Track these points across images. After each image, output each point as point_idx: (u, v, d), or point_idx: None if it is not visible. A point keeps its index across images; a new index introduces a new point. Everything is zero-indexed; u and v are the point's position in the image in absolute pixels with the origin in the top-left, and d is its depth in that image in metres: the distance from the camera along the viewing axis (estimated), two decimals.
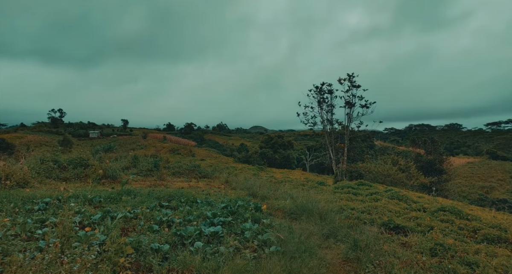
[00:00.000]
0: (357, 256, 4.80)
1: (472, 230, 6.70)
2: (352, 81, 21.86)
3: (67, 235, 3.88)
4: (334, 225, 6.38)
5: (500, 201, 28.85)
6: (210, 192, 9.93)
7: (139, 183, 11.52)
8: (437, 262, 4.67)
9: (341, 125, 23.28)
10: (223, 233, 5.06)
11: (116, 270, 3.54)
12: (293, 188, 13.82)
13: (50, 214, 5.76)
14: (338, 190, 12.68)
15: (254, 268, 3.98)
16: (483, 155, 62.81)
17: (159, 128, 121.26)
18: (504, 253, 5.30)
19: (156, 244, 4.27)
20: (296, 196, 9.41)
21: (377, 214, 7.69)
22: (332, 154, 23.00)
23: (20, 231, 4.55)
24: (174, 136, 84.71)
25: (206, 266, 3.84)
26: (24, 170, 9.91)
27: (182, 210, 6.66)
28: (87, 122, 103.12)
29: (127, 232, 5.04)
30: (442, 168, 28.96)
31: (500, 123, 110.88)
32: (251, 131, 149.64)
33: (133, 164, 15.25)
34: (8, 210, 5.74)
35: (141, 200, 7.52)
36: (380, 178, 18.18)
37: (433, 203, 9.92)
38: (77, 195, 7.15)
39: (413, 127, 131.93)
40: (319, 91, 23.11)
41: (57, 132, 77.74)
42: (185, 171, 16.08)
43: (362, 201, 9.68)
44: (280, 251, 4.56)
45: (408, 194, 11.73)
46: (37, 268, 2.99)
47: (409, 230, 6.42)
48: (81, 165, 12.43)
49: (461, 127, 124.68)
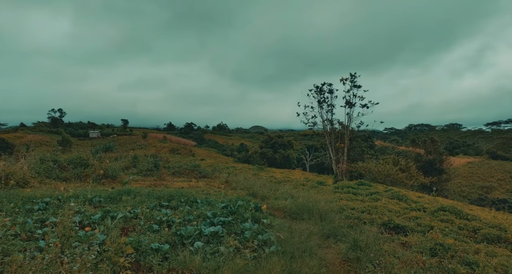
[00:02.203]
0: (357, 256, 4.80)
1: (472, 230, 6.70)
2: (354, 81, 21.88)
3: (67, 235, 3.88)
4: (334, 225, 6.38)
5: (500, 201, 28.87)
6: (210, 192, 9.93)
7: (139, 183, 11.52)
8: (437, 262, 4.66)
9: (341, 125, 23.28)
10: (223, 233, 5.06)
11: (116, 270, 3.54)
12: (293, 188, 13.83)
13: (50, 214, 5.76)
14: (338, 190, 12.68)
15: (254, 268, 3.98)
16: (483, 155, 62.78)
17: (159, 128, 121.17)
18: (504, 253, 5.30)
19: (156, 244, 4.27)
20: (296, 196, 9.42)
21: (377, 214, 7.69)
22: (332, 154, 23.00)
23: (20, 231, 4.55)
24: (174, 136, 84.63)
25: (206, 266, 3.84)
26: (24, 170, 9.91)
27: (182, 210, 6.66)
28: (87, 122, 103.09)
29: (127, 232, 5.04)
30: (442, 168, 28.95)
31: (500, 123, 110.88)
32: (251, 131, 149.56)
33: (133, 164, 15.24)
34: (8, 210, 5.75)
35: (141, 200, 7.52)
36: (380, 178, 18.17)
37: (433, 203, 9.92)
38: (77, 195, 7.15)
39: (413, 127, 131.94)
40: (319, 91, 23.12)
41: (57, 132, 77.66)
42: (185, 171, 16.09)
43: (362, 201, 9.68)
44: (280, 251, 4.56)
45: (408, 194, 11.73)
46: (37, 268, 2.99)
47: (409, 230, 6.42)
48: (81, 165, 12.42)
49: (461, 127, 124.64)
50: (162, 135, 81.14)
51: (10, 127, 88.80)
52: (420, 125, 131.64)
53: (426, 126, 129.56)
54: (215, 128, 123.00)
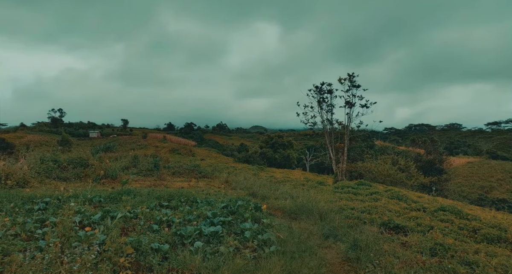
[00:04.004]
0: (357, 255, 4.80)
1: (472, 230, 6.70)
2: (352, 80, 21.88)
3: (67, 235, 3.88)
4: (334, 225, 6.38)
5: (500, 201, 28.89)
6: (210, 192, 9.93)
7: (139, 183, 11.52)
8: (437, 261, 4.66)
9: (341, 125, 23.28)
10: (223, 233, 5.06)
11: (116, 270, 3.54)
12: (293, 188, 13.83)
13: (50, 214, 5.76)
14: (338, 190, 12.68)
15: (254, 268, 3.98)
16: (483, 154, 62.79)
17: (159, 128, 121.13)
18: (504, 253, 5.30)
19: (156, 244, 4.27)
20: (296, 196, 9.42)
21: (377, 214, 7.69)
22: (332, 154, 23.00)
23: (20, 231, 4.55)
24: (174, 136, 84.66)
25: (206, 266, 3.84)
26: (24, 170, 9.92)
27: (182, 210, 6.66)
28: (87, 122, 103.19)
29: (127, 232, 5.04)
30: (442, 168, 28.98)
31: (500, 123, 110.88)
32: (251, 131, 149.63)
33: (133, 164, 15.23)
34: (8, 210, 5.75)
35: (141, 200, 7.52)
36: (380, 178, 18.18)
37: (433, 203, 9.92)
38: (77, 195, 7.14)
39: (413, 127, 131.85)
40: (319, 90, 23.12)
41: (57, 131, 77.75)
42: (185, 171, 16.08)
43: (362, 201, 9.68)
44: (280, 250, 4.56)
45: (408, 194, 11.74)
46: (37, 268, 2.99)
47: (409, 230, 6.42)
48: (81, 165, 12.43)
49: (461, 127, 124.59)
50: (162, 135, 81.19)
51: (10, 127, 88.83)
52: (420, 125, 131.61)
53: (426, 126, 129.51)
54: (215, 128, 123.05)
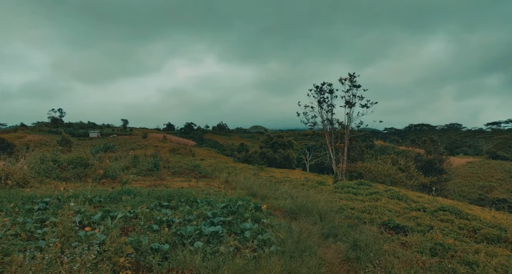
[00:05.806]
0: (357, 255, 4.81)
1: (472, 230, 6.70)
2: (353, 81, 21.88)
3: (67, 235, 3.89)
4: (334, 225, 6.38)
5: (500, 201, 28.89)
6: (210, 191, 9.92)
7: (139, 183, 11.53)
8: (437, 261, 4.67)
9: (341, 125, 23.29)
10: (223, 232, 5.06)
11: (116, 269, 3.54)
12: (293, 188, 13.82)
13: (50, 214, 5.76)
14: (338, 190, 12.68)
15: (254, 267, 3.98)
16: (483, 154, 62.81)
17: (159, 128, 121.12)
18: (504, 252, 5.30)
19: (156, 244, 4.27)
20: (296, 196, 9.42)
21: (377, 213, 7.70)
22: (332, 154, 23.01)
23: (20, 231, 4.55)
24: (174, 136, 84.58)
25: (206, 266, 3.84)
26: (24, 170, 9.92)
27: (182, 209, 6.66)
28: (87, 122, 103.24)
29: (127, 232, 5.04)
30: (442, 168, 28.99)
31: (500, 123, 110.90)
32: (251, 131, 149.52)
33: (133, 164, 15.23)
34: (8, 210, 5.74)
35: (141, 200, 7.52)
36: (380, 178, 18.20)
37: (433, 203, 9.93)
38: (77, 195, 7.14)
39: (413, 126, 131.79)
40: (320, 90, 23.13)
41: (57, 131, 77.71)
42: (185, 171, 16.08)
43: (362, 201, 9.69)
44: (280, 250, 4.56)
45: (408, 193, 11.74)
46: (37, 268, 2.99)
47: (409, 230, 6.42)
48: (81, 165, 12.42)
49: (461, 127, 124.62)
50: (162, 135, 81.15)
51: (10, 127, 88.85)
52: (420, 125, 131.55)
53: (426, 126, 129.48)
54: (215, 128, 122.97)
